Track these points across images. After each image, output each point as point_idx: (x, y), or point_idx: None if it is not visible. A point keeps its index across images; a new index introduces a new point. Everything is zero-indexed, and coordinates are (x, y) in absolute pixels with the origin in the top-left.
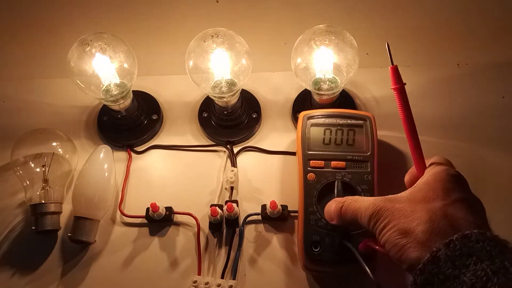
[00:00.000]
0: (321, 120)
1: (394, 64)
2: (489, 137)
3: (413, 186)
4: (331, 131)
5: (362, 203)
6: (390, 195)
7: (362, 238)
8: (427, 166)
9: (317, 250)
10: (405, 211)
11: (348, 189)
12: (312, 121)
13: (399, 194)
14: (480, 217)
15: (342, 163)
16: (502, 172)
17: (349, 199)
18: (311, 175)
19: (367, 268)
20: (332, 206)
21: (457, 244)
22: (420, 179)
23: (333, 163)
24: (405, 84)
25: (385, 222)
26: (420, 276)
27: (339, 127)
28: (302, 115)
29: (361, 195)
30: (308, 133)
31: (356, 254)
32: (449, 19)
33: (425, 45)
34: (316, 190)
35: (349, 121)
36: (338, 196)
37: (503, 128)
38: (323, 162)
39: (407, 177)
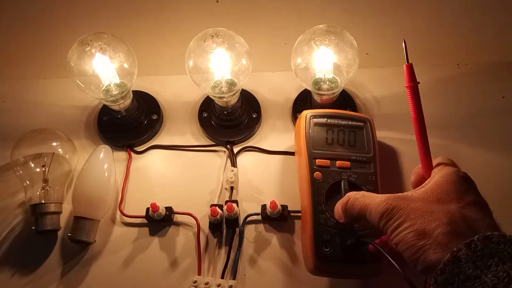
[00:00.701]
0: (324, 120)
1: (410, 62)
2: (489, 137)
3: (422, 185)
4: (333, 131)
5: (372, 200)
6: (401, 193)
7: (370, 237)
8: (434, 165)
9: (327, 250)
10: (422, 212)
11: (354, 189)
12: (315, 120)
13: (409, 193)
14: (492, 219)
15: (347, 163)
16: (503, 172)
17: (354, 194)
18: (317, 174)
19: (395, 263)
20: (339, 204)
21: (478, 244)
22: (429, 179)
23: (338, 162)
24: (418, 83)
25: (399, 221)
26: (441, 276)
27: (341, 128)
28: (304, 114)
29: None
30: (312, 132)
31: (381, 250)
32: (449, 19)
33: (425, 45)
34: (324, 189)
35: (350, 123)
36: None
37: (503, 128)
38: (328, 161)
39: (413, 177)
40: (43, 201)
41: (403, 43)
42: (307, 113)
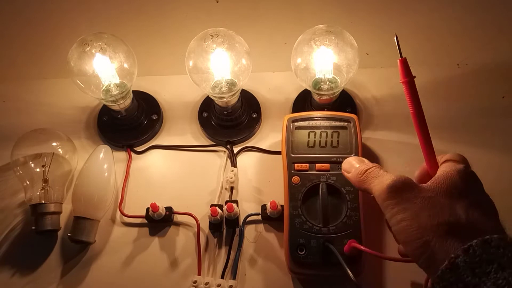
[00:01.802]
0: (306, 123)
1: (403, 56)
2: (489, 137)
3: (435, 178)
4: (315, 134)
5: (383, 179)
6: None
7: (346, 239)
8: (441, 161)
9: (302, 253)
10: (430, 204)
11: (333, 191)
12: (296, 124)
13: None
14: (497, 220)
15: (326, 166)
16: (504, 173)
17: (376, 169)
18: (295, 178)
19: (348, 270)
20: (356, 163)
21: (476, 250)
22: (441, 173)
23: (318, 165)
24: (414, 77)
25: (403, 207)
26: (439, 284)
27: (323, 130)
28: (286, 118)
29: (346, 197)
30: (292, 136)
31: (338, 256)
32: (449, 19)
33: (425, 45)
34: (301, 193)
35: (333, 123)
36: (322, 199)
37: (503, 128)
38: (307, 165)
39: (417, 173)
40: (43, 201)
41: (395, 38)
42: (288, 117)
